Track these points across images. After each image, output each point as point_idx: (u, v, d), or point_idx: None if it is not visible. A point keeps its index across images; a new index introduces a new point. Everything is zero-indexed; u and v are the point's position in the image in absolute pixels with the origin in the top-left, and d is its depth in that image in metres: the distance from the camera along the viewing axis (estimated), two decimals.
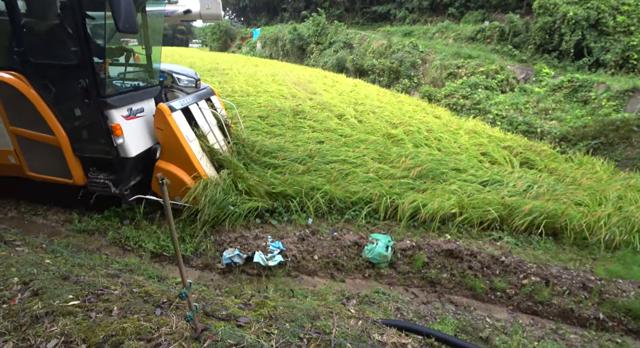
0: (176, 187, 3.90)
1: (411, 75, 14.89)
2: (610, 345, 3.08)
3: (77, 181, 3.79)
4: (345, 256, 3.64)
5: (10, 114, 3.63)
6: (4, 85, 3.45)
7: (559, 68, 12.50)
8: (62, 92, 3.54)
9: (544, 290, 3.50)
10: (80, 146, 3.71)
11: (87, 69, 3.31)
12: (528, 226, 4.42)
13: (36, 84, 3.48)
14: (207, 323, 2.04)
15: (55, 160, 3.74)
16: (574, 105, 10.08)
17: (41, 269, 2.46)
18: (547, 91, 10.94)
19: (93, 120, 3.55)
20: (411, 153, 6.00)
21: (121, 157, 3.70)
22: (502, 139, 7.69)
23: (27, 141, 3.73)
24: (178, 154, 3.88)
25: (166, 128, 3.81)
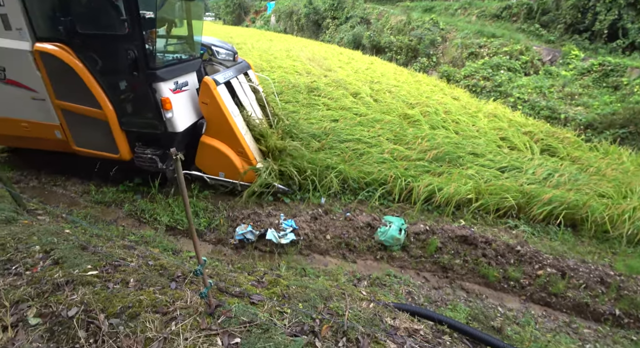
0: (221, 163, 3.89)
1: (430, 54, 14.26)
2: (624, 342, 3.03)
3: (123, 156, 3.77)
4: (358, 237, 3.62)
5: (56, 88, 3.56)
6: (50, 58, 3.36)
7: (589, 50, 11.73)
8: (110, 64, 3.44)
9: (559, 282, 3.43)
10: (127, 120, 3.65)
11: (137, 40, 3.19)
12: (546, 216, 4.30)
13: (83, 56, 3.39)
14: (221, 300, 2.05)
15: (102, 135, 3.69)
16: (603, 90, 9.52)
17: (61, 238, 2.50)
18: (575, 75, 10.33)
19: (141, 93, 3.47)
20: (428, 135, 5.83)
21: (169, 132, 3.64)
22: (523, 124, 7.38)
23: (74, 115, 3.67)
24: (223, 129, 3.82)
25: (212, 102, 3.72)
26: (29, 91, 3.60)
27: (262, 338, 1.77)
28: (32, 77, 3.52)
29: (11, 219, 2.75)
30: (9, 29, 3.38)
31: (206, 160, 3.99)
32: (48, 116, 3.73)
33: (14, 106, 3.74)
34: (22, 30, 3.36)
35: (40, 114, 3.73)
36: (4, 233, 2.43)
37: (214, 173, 4.01)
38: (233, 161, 3.85)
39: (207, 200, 4.07)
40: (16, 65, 3.50)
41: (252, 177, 4.02)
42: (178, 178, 1.58)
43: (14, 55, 3.44)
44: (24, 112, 3.77)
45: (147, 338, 1.63)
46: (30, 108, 3.70)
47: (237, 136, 3.83)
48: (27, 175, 4.56)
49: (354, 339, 1.90)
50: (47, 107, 3.66)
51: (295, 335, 1.84)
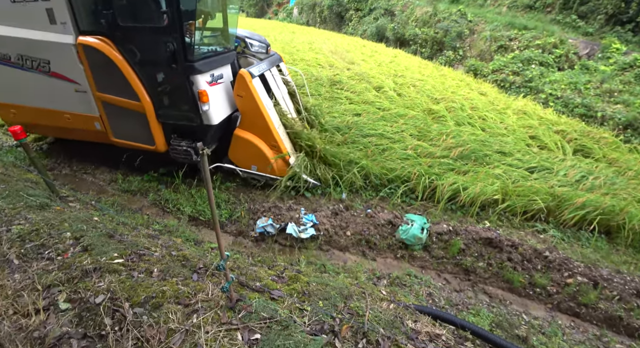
0: (254, 157, 3.92)
1: (456, 47, 13.73)
2: None
3: (159, 148, 3.84)
4: (378, 234, 3.56)
5: (97, 80, 3.63)
6: (92, 51, 3.43)
7: (632, 43, 10.91)
8: (149, 57, 3.50)
9: (590, 293, 3.25)
10: (164, 112, 3.70)
11: (176, 32, 3.21)
12: (578, 221, 4.08)
13: (123, 49, 3.43)
14: (242, 294, 2.06)
15: (139, 127, 3.77)
16: None
17: (90, 226, 2.58)
18: (615, 70, 9.67)
19: (178, 85, 3.51)
20: (453, 131, 5.63)
21: (204, 125, 3.67)
22: (555, 122, 7.00)
23: (113, 107, 3.74)
24: (258, 122, 3.83)
25: (247, 95, 3.73)
26: (72, 83, 3.70)
27: (281, 335, 1.76)
28: (75, 70, 3.61)
29: (45, 205, 2.87)
30: (54, 23, 3.46)
31: (239, 153, 4.03)
32: (89, 108, 3.83)
33: (58, 98, 3.86)
34: (66, 24, 3.44)
35: (82, 106, 3.83)
36: (38, 219, 2.53)
37: (247, 166, 4.05)
38: (266, 155, 3.86)
39: (229, 192, 4.11)
40: (60, 59, 3.59)
41: (283, 170, 4.04)
42: (204, 173, 1.57)
43: (59, 49, 3.53)
44: (67, 103, 3.88)
45: (169, 330, 1.66)
46: (73, 100, 3.81)
47: (271, 129, 3.83)
48: (60, 163, 4.76)
49: (374, 341, 1.87)
50: (88, 99, 3.76)
51: (315, 333, 1.83)
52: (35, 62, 3.69)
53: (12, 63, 3.75)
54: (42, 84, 3.77)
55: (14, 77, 3.82)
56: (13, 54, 3.70)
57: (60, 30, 3.48)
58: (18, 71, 3.78)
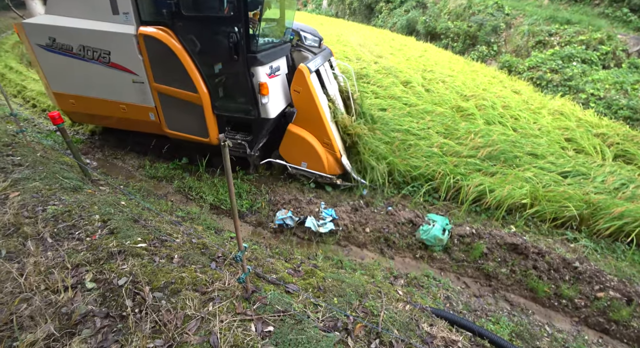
0: (305, 153, 3.91)
1: (490, 42, 13.09)
2: None
3: (212, 140, 3.87)
4: (398, 233, 3.49)
5: (156, 71, 3.64)
6: (153, 41, 3.42)
7: None
8: (210, 48, 3.49)
9: (622, 309, 3.05)
10: (220, 104, 3.70)
11: (240, 22, 3.15)
12: (614, 231, 3.81)
13: (184, 39, 3.41)
14: (257, 285, 2.08)
15: (194, 119, 3.76)
16: None
17: (117, 210, 2.69)
18: None
19: (238, 77, 3.49)
20: (482, 130, 5.39)
21: (262, 118, 3.65)
22: (595, 125, 6.55)
23: (169, 98, 3.75)
24: (312, 118, 3.81)
25: (304, 91, 3.70)
26: (130, 74, 3.73)
27: (294, 329, 1.77)
28: (134, 61, 3.63)
29: (78, 188, 3.02)
30: (117, 13, 3.50)
31: (291, 149, 4.01)
32: (145, 99, 3.86)
33: (115, 89, 3.91)
34: (128, 14, 3.47)
35: (138, 97, 3.87)
36: (71, 201, 2.67)
37: (297, 162, 4.04)
38: (318, 152, 3.84)
39: (251, 182, 4.17)
40: (120, 49, 3.61)
41: (334, 168, 4.02)
42: (225, 165, 1.58)
43: (120, 39, 3.54)
44: (123, 94, 3.92)
45: (186, 316, 1.70)
46: (130, 90, 3.85)
47: (326, 127, 3.80)
48: (94, 148, 5.00)
49: (387, 342, 1.84)
50: (145, 90, 3.79)
51: (328, 330, 1.82)
52: (96, 53, 3.73)
53: (74, 54, 3.80)
54: (101, 75, 3.82)
55: (75, 68, 3.88)
56: (75, 44, 3.74)
57: (122, 20, 3.52)
58: (78, 62, 3.83)
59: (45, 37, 3.81)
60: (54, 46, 3.83)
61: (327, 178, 3.99)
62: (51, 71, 4.09)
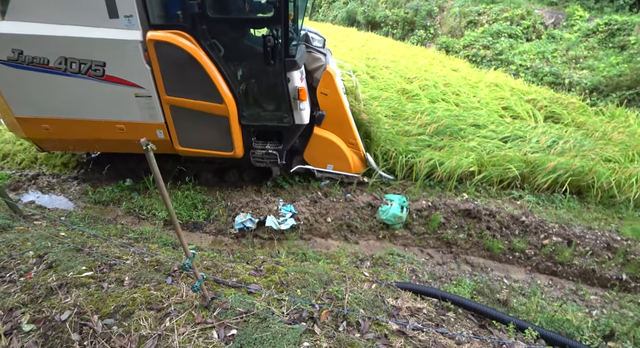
0: (331, 155, 3.83)
1: (427, 26, 13.74)
2: (631, 306, 2.99)
3: (237, 154, 3.51)
4: (359, 218, 3.56)
5: (169, 82, 3.18)
6: (168, 48, 2.96)
7: (594, 10, 11.15)
8: (240, 53, 3.14)
9: (565, 251, 3.37)
10: (250, 114, 3.35)
11: (280, 24, 2.86)
12: (551, 184, 4.19)
13: (208, 45, 3.01)
14: (217, 292, 2.02)
15: (216, 132, 3.41)
16: (609, 51, 9.10)
17: (55, 242, 2.48)
18: (579, 37, 9.87)
19: (273, 83, 3.20)
20: (427, 109, 5.65)
21: (296, 125, 3.43)
22: (526, 92, 7.14)
23: (185, 112, 3.32)
24: (338, 120, 3.72)
25: (332, 93, 3.60)
26: (133, 87, 3.22)
27: (259, 328, 1.74)
28: (140, 71, 3.13)
29: (6, 226, 2.73)
30: (115, 16, 2.93)
31: (316, 152, 3.91)
32: (152, 114, 3.37)
33: (111, 106, 3.35)
34: (132, 17, 2.93)
35: (142, 113, 3.37)
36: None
37: (322, 165, 3.96)
38: (344, 153, 3.81)
39: (205, 192, 4.02)
40: (120, 59, 3.08)
41: (359, 167, 4.02)
42: (153, 171, 1.50)
43: (119, 47, 3.02)
44: (122, 112, 3.38)
45: (141, 337, 1.61)
46: (131, 107, 3.33)
47: (352, 127, 3.79)
48: (25, 181, 4.54)
49: (354, 323, 1.87)
50: (152, 105, 3.30)
51: (293, 322, 1.81)
52: (85, 65, 3.12)
53: (50, 68, 3.14)
54: (90, 91, 3.23)
55: (51, 86, 3.22)
56: (53, 57, 3.10)
57: (122, 25, 2.96)
58: (57, 78, 3.18)
59: (7, 50, 3.09)
60: (20, 60, 3.11)
61: (353, 178, 4.02)
62: (14, 92, 3.34)
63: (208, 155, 3.63)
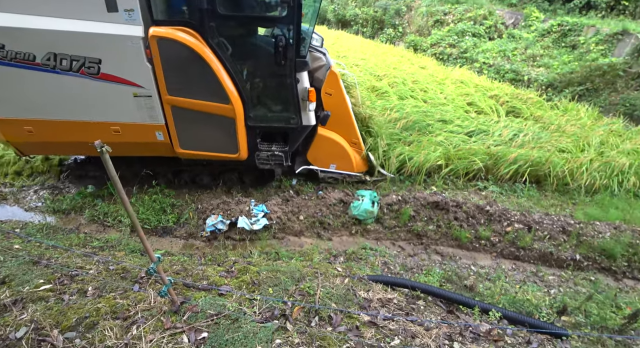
0: (334, 155, 3.86)
1: (396, 24, 14.07)
2: (585, 283, 3.24)
3: (241, 156, 3.42)
4: (331, 214, 3.61)
5: (171, 81, 3.02)
6: (173, 45, 2.80)
7: (549, 11, 11.89)
8: (249, 52, 3.06)
9: (526, 236, 3.59)
10: (257, 115, 3.29)
11: (293, 23, 2.80)
12: (513, 175, 4.44)
13: (215, 43, 2.90)
14: (187, 295, 1.99)
15: (221, 134, 3.30)
16: (562, 50, 9.75)
17: (8, 256, 2.32)
18: (536, 36, 10.49)
19: (283, 84, 3.15)
20: (396, 106, 5.79)
21: (303, 126, 3.38)
22: (489, 88, 7.48)
23: (187, 113, 3.18)
24: (342, 120, 3.75)
25: (337, 93, 3.60)
26: (131, 87, 3.02)
27: (230, 329, 1.73)
28: (140, 70, 2.95)
29: None
30: (114, 10, 2.72)
31: (320, 152, 3.92)
32: (151, 115, 3.20)
33: (106, 106, 3.14)
34: (133, 11, 2.74)
35: (141, 114, 3.18)
36: None
37: (325, 165, 3.99)
38: (348, 152, 3.86)
39: (174, 195, 3.90)
40: (118, 56, 2.88)
41: (362, 166, 4.08)
42: (110, 174, 1.45)
43: (118, 43, 2.81)
44: (118, 113, 3.17)
45: (106, 347, 1.55)
46: (129, 107, 3.13)
47: (355, 127, 3.84)
48: None
49: (326, 317, 1.90)
50: (152, 105, 3.13)
51: (265, 321, 1.81)
52: (77, 62, 2.88)
53: (37, 65, 2.87)
54: (82, 90, 3.00)
55: (37, 84, 2.95)
56: (40, 52, 2.83)
57: (122, 19, 2.76)
58: (45, 75, 2.91)
59: None
60: (1, 56, 2.83)
61: (356, 177, 4.08)
62: None
63: (211, 158, 3.54)
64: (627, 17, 10.49)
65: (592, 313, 2.48)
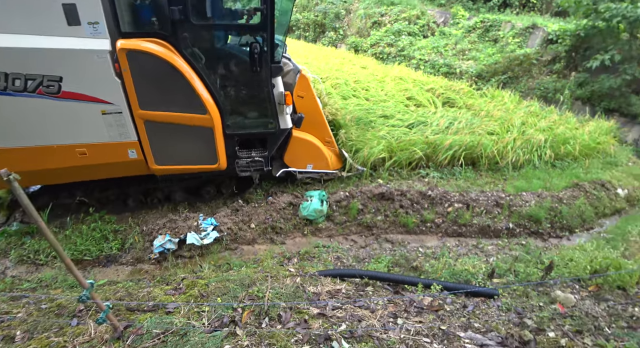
0: (310, 156, 3.96)
1: (336, 27, 14.53)
2: (517, 248, 3.60)
3: (222, 165, 3.35)
4: (282, 218, 3.66)
5: (144, 95, 2.89)
6: (145, 58, 2.69)
7: (473, 10, 13.04)
8: (223, 61, 3.08)
9: (465, 214, 3.91)
10: (235, 123, 3.28)
11: (266, 30, 2.86)
12: (450, 159, 4.80)
13: (189, 53, 2.85)
14: (131, 319, 1.92)
15: (198, 145, 3.24)
16: (486, 44, 10.73)
17: None
18: (464, 33, 11.45)
19: (259, 90, 3.20)
20: (340, 105, 5.98)
21: (282, 129, 3.46)
22: (426, 82, 8.00)
23: (162, 126, 3.05)
24: (314, 121, 3.89)
25: (308, 96, 3.74)
26: (99, 104, 2.85)
27: (178, 344, 1.71)
28: (107, 85, 2.80)
29: None
30: (76, 23, 2.56)
31: (296, 154, 3.97)
32: (122, 133, 3.03)
33: (69, 128, 2.91)
34: (98, 24, 2.60)
35: (110, 132, 3.00)
36: None
37: (302, 166, 4.05)
38: (323, 152, 3.99)
39: (115, 221, 3.68)
40: (82, 72, 2.70)
41: (337, 163, 4.24)
42: (22, 204, 1.38)
43: (82, 59, 2.65)
44: (84, 133, 2.96)
45: None
46: (97, 126, 2.94)
47: (327, 126, 4.02)
48: None
49: (275, 316, 1.94)
50: (122, 122, 2.97)
51: (215, 330, 1.81)
52: (33, 82, 2.65)
53: None
54: (39, 112, 2.76)
55: None
56: None
57: (86, 33, 2.61)
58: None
59: None
60: None
61: (332, 174, 4.21)
62: None
63: (189, 171, 3.45)
64: (537, 13, 11.89)
65: (519, 272, 2.78)
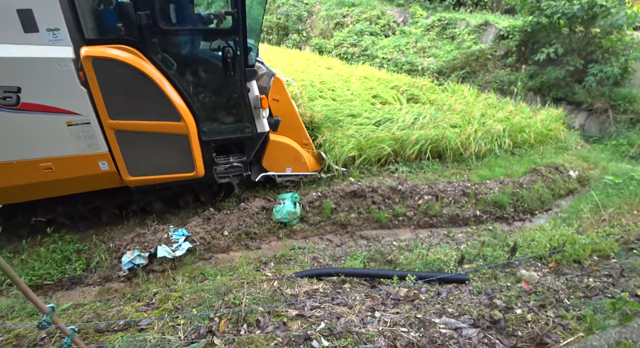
0: (289, 159, 3.98)
1: (300, 29, 14.58)
2: (485, 233, 3.80)
3: (199, 173, 3.28)
4: (256, 223, 3.62)
5: (113, 104, 2.78)
6: (113, 65, 2.60)
7: (430, 9, 13.59)
8: (193, 66, 3.02)
9: (435, 205, 4.06)
10: (211, 129, 3.21)
11: (239, 34, 2.85)
12: (417, 154, 4.97)
13: (158, 59, 2.78)
14: (101, 341, 1.83)
15: (173, 153, 3.17)
16: (445, 41, 11.23)
17: None
18: (423, 31, 11.90)
19: (235, 94, 3.15)
20: (307, 107, 6.01)
21: (259, 133, 3.44)
22: (390, 80, 8.22)
23: (134, 135, 2.95)
24: (291, 124, 3.88)
25: (283, 99, 3.75)
26: (63, 115, 2.70)
27: None
28: (72, 95, 2.67)
29: None
30: (33, 30, 2.42)
31: (275, 158, 3.97)
32: (91, 144, 2.90)
33: (32, 142, 2.74)
34: (58, 31, 2.47)
35: (78, 144, 2.86)
36: None
37: (281, 169, 4.04)
38: (301, 154, 4.01)
39: (78, 240, 3.47)
40: (43, 82, 2.55)
41: (315, 165, 4.27)
42: None
43: (41, 67, 2.51)
44: (48, 147, 2.80)
45: None
46: (62, 138, 2.78)
47: (304, 128, 4.03)
48: None
49: (254, 322, 1.92)
50: (91, 133, 2.84)
51: (192, 342, 1.77)
52: None
53: None
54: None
55: None
56: None
57: (45, 40, 2.47)
58: None
59: None
60: None
61: (312, 176, 4.25)
62: None
63: (165, 181, 3.33)
64: (488, 10, 12.61)
65: (487, 256, 2.94)
